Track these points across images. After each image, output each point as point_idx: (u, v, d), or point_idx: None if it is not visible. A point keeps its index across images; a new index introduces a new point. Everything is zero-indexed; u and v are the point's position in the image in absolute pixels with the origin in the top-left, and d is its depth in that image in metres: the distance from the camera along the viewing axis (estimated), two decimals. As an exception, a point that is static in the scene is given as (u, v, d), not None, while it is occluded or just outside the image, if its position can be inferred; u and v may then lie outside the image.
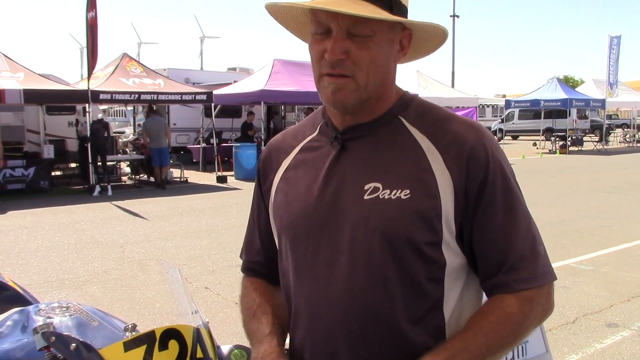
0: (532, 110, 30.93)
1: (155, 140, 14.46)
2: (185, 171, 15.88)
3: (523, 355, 2.10)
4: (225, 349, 1.79)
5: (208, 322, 1.64)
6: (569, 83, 44.98)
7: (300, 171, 1.33)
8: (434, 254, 1.19)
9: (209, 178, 16.03)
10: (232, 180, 15.62)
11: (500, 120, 33.65)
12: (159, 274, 1.81)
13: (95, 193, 13.14)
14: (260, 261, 1.47)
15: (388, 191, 1.19)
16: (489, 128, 19.41)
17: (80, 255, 7.52)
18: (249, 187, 14.40)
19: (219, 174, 15.62)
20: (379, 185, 1.20)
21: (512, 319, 1.19)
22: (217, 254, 7.47)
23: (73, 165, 16.86)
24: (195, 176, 16.42)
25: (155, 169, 14.58)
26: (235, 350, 1.76)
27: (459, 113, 1.49)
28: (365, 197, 1.20)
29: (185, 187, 14.69)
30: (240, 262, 1.53)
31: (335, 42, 1.16)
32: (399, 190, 1.18)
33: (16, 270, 6.60)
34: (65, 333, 1.48)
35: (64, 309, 1.69)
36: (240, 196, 12.95)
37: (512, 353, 2.06)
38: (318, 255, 1.24)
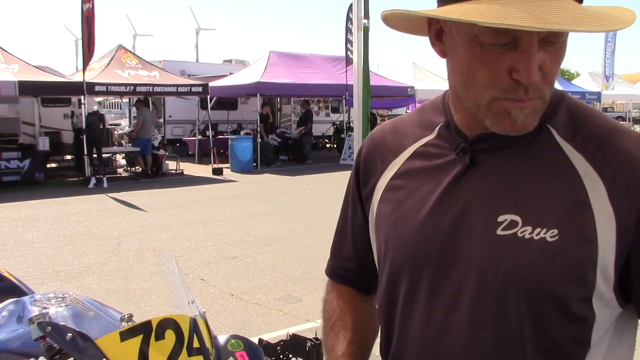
0: (528, 103, 30.94)
1: (148, 130, 14.99)
2: (181, 163, 15.89)
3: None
4: (222, 339, 1.79)
5: (205, 312, 1.64)
6: (564, 76, 44.96)
7: (413, 182, 1.07)
8: (582, 311, 0.94)
9: (205, 170, 16.01)
10: (227, 173, 15.64)
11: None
12: (155, 264, 1.81)
13: (91, 185, 13.12)
14: (351, 268, 1.28)
15: (530, 228, 0.92)
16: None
17: (76, 247, 7.51)
18: (245, 180, 14.43)
19: (215, 166, 15.62)
20: (517, 218, 0.94)
21: None
22: (213, 246, 7.46)
23: (68, 157, 16.80)
24: (191, 168, 16.41)
25: (148, 157, 14.83)
26: (232, 340, 1.77)
27: None
28: (499, 231, 0.94)
29: (181, 179, 14.67)
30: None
31: (532, 60, 0.86)
32: (544, 230, 0.92)
33: (11, 261, 6.59)
34: (62, 323, 1.49)
35: (59, 299, 1.70)
36: (235, 188, 12.95)
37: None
38: (434, 293, 1.01)
